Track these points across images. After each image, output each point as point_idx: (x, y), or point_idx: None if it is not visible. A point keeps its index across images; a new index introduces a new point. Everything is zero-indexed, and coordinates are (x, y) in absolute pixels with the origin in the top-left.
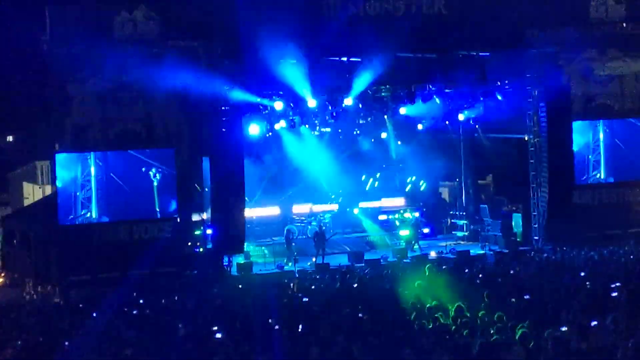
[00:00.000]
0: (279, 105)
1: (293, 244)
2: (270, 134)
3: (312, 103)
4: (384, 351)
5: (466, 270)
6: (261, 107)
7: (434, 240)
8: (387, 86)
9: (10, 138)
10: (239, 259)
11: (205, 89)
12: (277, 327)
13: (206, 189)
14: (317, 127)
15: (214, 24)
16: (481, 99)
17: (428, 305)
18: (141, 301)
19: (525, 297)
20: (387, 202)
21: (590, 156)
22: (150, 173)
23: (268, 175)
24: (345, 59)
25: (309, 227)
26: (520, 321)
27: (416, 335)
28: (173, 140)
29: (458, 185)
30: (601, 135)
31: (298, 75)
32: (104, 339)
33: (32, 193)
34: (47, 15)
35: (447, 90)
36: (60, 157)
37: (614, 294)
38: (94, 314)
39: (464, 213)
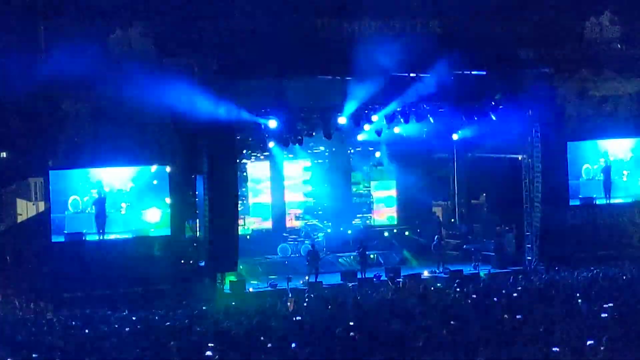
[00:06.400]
0: (273, 123)
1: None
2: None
3: (306, 121)
4: None
5: (458, 290)
6: (255, 125)
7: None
8: (381, 105)
9: (3, 154)
10: (232, 277)
11: (200, 107)
12: (269, 345)
13: (199, 206)
14: (311, 146)
15: (209, 42)
16: (475, 118)
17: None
18: (134, 318)
19: (517, 317)
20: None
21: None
22: None
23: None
24: (339, 77)
25: (302, 245)
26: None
27: (411, 353)
28: (167, 158)
29: (451, 204)
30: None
31: (292, 93)
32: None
33: (26, 210)
34: (42, 32)
35: (441, 110)
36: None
37: (607, 315)
38: (86, 331)
39: (457, 232)
